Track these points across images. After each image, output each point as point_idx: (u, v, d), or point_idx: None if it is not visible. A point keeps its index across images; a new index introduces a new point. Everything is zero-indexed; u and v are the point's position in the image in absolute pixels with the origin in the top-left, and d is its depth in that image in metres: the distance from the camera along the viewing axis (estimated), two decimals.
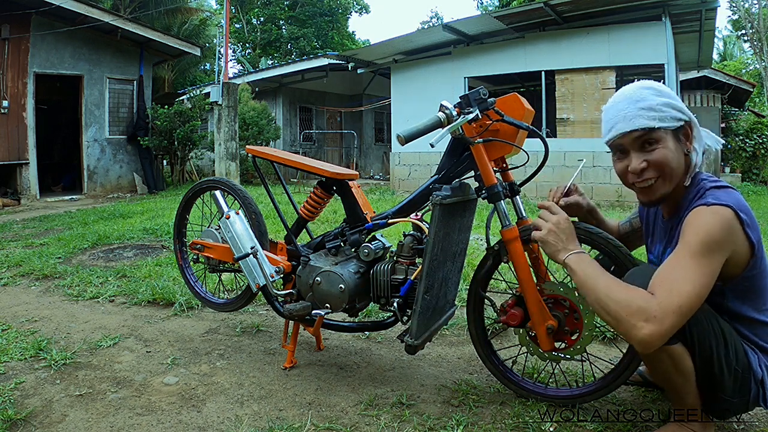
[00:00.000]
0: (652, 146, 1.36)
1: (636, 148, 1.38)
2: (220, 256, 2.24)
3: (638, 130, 1.35)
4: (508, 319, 1.66)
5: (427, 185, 1.82)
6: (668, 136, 1.35)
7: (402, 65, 11.09)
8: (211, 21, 19.39)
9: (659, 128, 1.34)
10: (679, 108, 1.36)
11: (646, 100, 1.35)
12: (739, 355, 1.31)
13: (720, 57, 24.12)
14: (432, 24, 30.67)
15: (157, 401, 1.77)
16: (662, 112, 1.34)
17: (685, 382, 1.35)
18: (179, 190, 10.14)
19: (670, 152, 1.35)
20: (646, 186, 1.39)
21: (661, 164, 1.35)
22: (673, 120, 1.35)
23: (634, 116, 1.35)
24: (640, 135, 1.36)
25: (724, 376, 1.31)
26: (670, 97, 1.36)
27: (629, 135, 1.37)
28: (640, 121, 1.35)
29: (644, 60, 8.31)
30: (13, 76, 9.12)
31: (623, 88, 1.43)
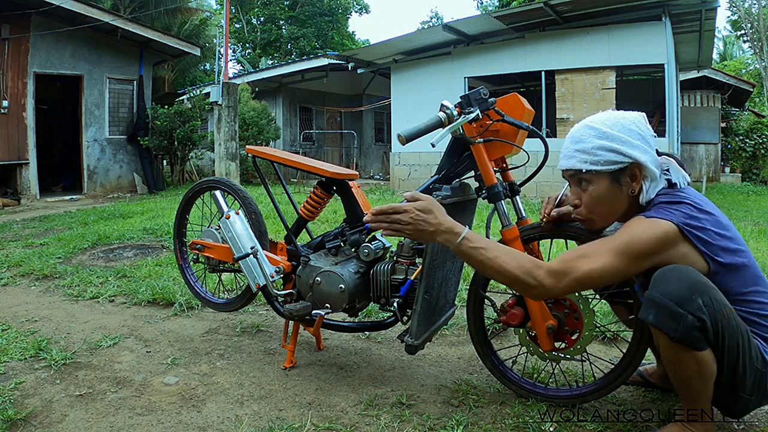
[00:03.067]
0: (585, 186, 1.45)
1: (574, 184, 1.49)
2: (220, 256, 2.24)
3: (569, 170, 1.46)
4: (508, 319, 1.67)
5: (427, 185, 1.82)
6: (601, 179, 1.41)
7: (402, 65, 11.09)
8: (211, 21, 19.39)
9: (589, 171, 1.41)
10: (620, 151, 1.38)
11: (583, 141, 1.42)
12: (757, 353, 1.30)
13: (720, 57, 24.13)
14: (432, 24, 30.68)
15: (157, 401, 1.77)
16: (595, 156, 1.39)
17: (705, 387, 1.32)
18: (179, 190, 10.14)
19: (601, 194, 1.42)
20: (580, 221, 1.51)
21: (590, 205, 1.45)
22: (609, 163, 1.39)
23: (570, 156, 1.45)
24: (573, 174, 1.47)
25: (747, 376, 1.30)
26: (612, 140, 1.38)
27: (565, 172, 1.49)
28: (571, 162, 1.45)
29: (644, 60, 8.31)
30: (13, 76, 9.12)
31: (578, 124, 1.49)
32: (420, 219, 1.39)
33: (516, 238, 1.63)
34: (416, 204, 1.40)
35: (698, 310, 1.21)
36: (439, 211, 1.40)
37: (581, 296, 1.59)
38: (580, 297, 1.59)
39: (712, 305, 1.22)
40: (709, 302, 1.22)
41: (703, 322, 1.21)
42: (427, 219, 1.38)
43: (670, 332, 1.22)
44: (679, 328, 1.21)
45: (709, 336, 1.23)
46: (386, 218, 1.41)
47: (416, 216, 1.39)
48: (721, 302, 1.25)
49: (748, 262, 1.35)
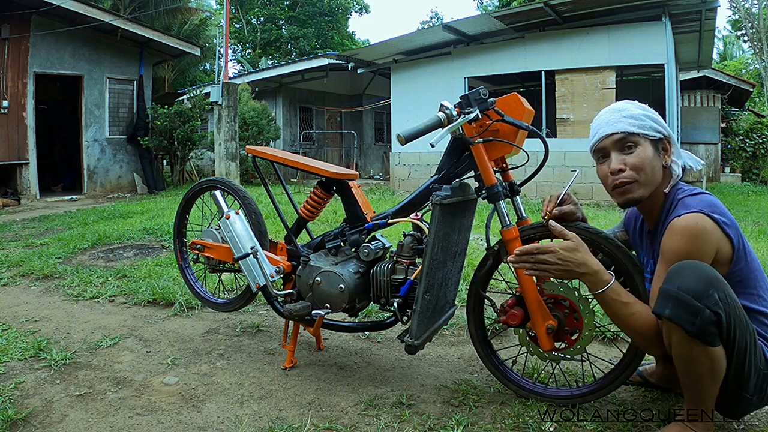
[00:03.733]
0: (631, 149, 1.47)
1: (616, 150, 1.48)
2: (220, 256, 2.24)
3: (618, 133, 1.47)
4: (508, 319, 1.67)
5: (427, 185, 1.82)
6: (646, 143, 1.46)
7: (402, 65, 11.09)
8: (211, 21, 19.38)
9: (638, 133, 1.46)
10: (659, 122, 1.48)
11: (628, 110, 1.49)
12: (759, 353, 1.31)
13: (720, 57, 24.13)
14: (432, 24, 30.68)
15: (157, 401, 1.77)
16: (642, 121, 1.46)
17: (713, 384, 1.32)
18: (179, 190, 10.14)
19: (647, 158, 1.45)
20: (622, 187, 1.48)
21: (637, 166, 1.45)
22: (652, 130, 1.46)
23: (616, 121, 1.48)
24: (620, 138, 1.47)
25: (751, 376, 1.31)
26: (651, 113, 1.49)
27: (610, 138, 1.48)
28: (621, 126, 1.47)
29: (644, 60, 8.31)
30: (13, 76, 9.12)
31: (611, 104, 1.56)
32: (568, 260, 1.41)
33: (516, 238, 1.63)
34: (563, 245, 1.42)
35: (715, 304, 1.21)
36: (585, 249, 1.43)
37: (581, 296, 1.59)
38: (579, 297, 1.59)
39: (726, 301, 1.23)
40: (725, 297, 1.23)
41: (719, 317, 1.22)
42: (575, 260, 1.41)
43: (687, 326, 1.22)
44: (696, 322, 1.21)
45: (722, 332, 1.24)
46: (530, 258, 1.46)
47: (563, 256, 1.42)
48: (734, 299, 1.27)
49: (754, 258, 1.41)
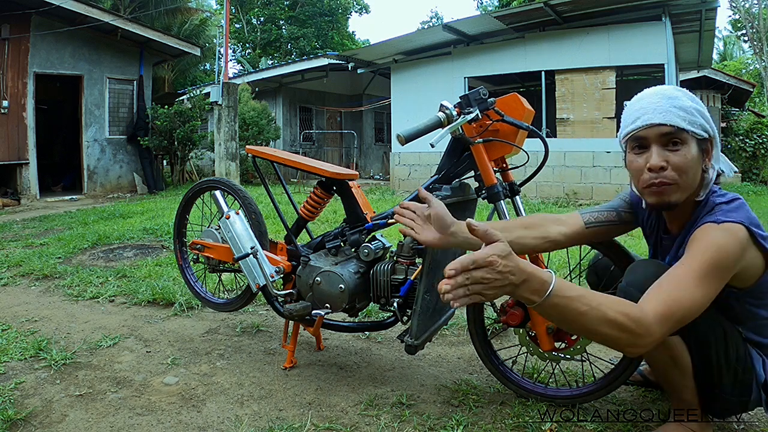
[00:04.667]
0: (677, 147, 1.27)
1: (659, 144, 1.28)
2: (220, 256, 2.24)
3: (668, 125, 1.26)
4: (508, 319, 1.67)
5: (427, 185, 1.82)
6: (693, 143, 1.27)
7: (402, 65, 11.09)
8: (211, 21, 19.37)
9: (687, 130, 1.26)
10: (708, 120, 1.30)
11: (680, 100, 1.29)
12: (739, 353, 1.31)
13: (720, 57, 24.12)
14: (432, 24, 30.67)
15: (157, 401, 1.77)
16: (693, 116, 1.27)
17: (683, 376, 1.35)
18: (179, 190, 10.14)
19: (692, 159, 1.27)
20: (660, 187, 1.28)
21: (681, 168, 1.26)
22: (701, 128, 1.28)
23: (667, 111, 1.27)
24: (669, 132, 1.26)
25: (722, 373, 1.31)
26: (701, 106, 1.30)
27: (657, 128, 1.27)
28: (672, 118, 1.26)
29: (644, 60, 8.32)
30: (13, 76, 9.12)
31: (655, 87, 1.36)
32: (507, 270, 0.98)
33: None
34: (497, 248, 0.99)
35: None
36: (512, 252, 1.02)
37: None
38: None
39: None
40: None
41: None
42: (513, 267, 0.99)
43: None
44: None
45: None
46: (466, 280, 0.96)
47: (502, 267, 0.98)
48: None
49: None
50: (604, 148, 8.52)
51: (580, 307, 1.05)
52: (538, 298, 1.02)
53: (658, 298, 1.13)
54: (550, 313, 1.07)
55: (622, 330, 1.06)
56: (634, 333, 1.07)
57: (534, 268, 1.03)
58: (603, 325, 1.06)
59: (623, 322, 1.06)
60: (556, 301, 1.03)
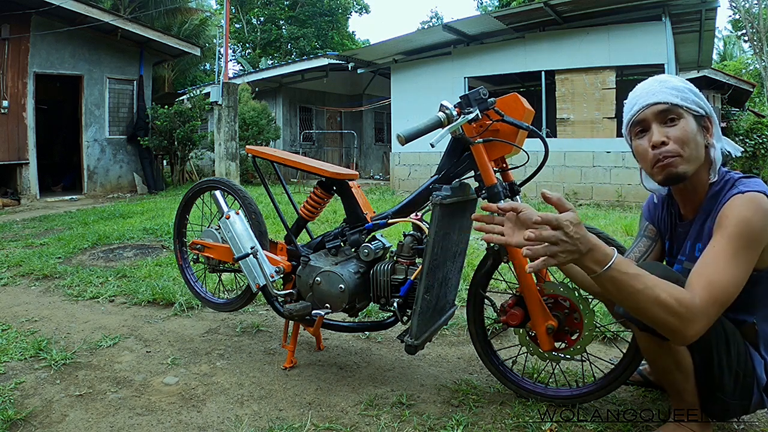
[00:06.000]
0: (674, 122, 1.33)
1: (658, 121, 1.35)
2: (220, 256, 2.24)
3: (661, 103, 1.33)
4: (508, 319, 1.66)
5: (427, 185, 1.82)
6: (689, 117, 1.33)
7: (402, 65, 11.09)
8: (211, 21, 19.38)
9: (681, 105, 1.33)
10: (702, 98, 1.35)
11: (671, 81, 1.36)
12: (740, 357, 1.32)
13: (720, 57, 24.11)
14: (432, 24, 30.68)
15: (157, 401, 1.77)
16: (685, 94, 1.34)
17: (685, 379, 1.36)
18: (179, 190, 10.13)
19: (691, 131, 1.32)
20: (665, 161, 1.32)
21: (682, 139, 1.31)
22: (695, 104, 1.34)
23: (659, 91, 1.35)
24: (663, 109, 1.33)
25: (724, 376, 1.32)
26: (693, 87, 1.37)
27: (652, 107, 1.35)
28: (664, 96, 1.34)
29: (644, 60, 8.31)
30: (13, 76, 9.12)
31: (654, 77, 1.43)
32: (578, 237, 1.08)
33: None
34: (569, 215, 1.09)
35: None
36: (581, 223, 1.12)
37: (581, 296, 1.59)
38: (579, 297, 1.59)
39: None
40: None
41: None
42: (582, 235, 1.08)
43: (637, 322, 1.26)
44: None
45: None
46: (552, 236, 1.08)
47: (572, 232, 1.07)
48: None
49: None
50: (604, 148, 8.52)
51: (636, 284, 1.11)
52: (599, 269, 1.10)
53: (701, 284, 1.16)
54: (607, 286, 1.13)
55: (672, 314, 1.11)
56: (684, 318, 1.11)
57: (598, 241, 1.11)
58: (655, 306, 1.11)
59: (674, 307, 1.11)
60: (615, 275, 1.11)
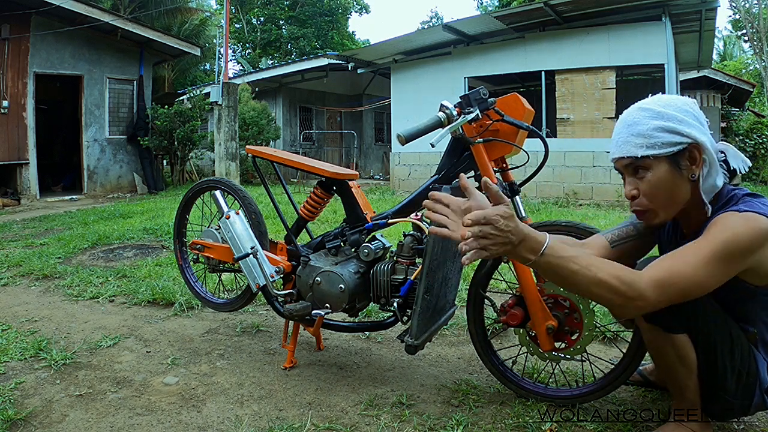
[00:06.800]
0: (642, 174, 1.30)
1: (629, 174, 1.33)
2: (220, 256, 2.24)
3: (626, 158, 1.31)
4: (508, 319, 1.67)
5: (427, 185, 1.82)
6: (661, 164, 1.27)
7: (402, 65, 11.09)
8: (211, 21, 19.37)
9: (647, 156, 1.27)
10: (679, 131, 1.25)
11: (638, 125, 1.29)
12: (744, 357, 1.31)
13: (720, 57, 24.12)
14: (432, 24, 30.67)
15: (157, 401, 1.77)
16: (652, 138, 1.26)
17: (688, 375, 1.35)
18: (179, 190, 10.14)
19: (660, 181, 1.27)
20: (641, 215, 1.34)
21: (650, 193, 1.29)
22: (668, 145, 1.25)
23: (624, 142, 1.31)
24: (629, 162, 1.31)
25: (727, 375, 1.31)
26: (669, 120, 1.26)
27: (620, 161, 1.34)
28: (627, 148, 1.30)
29: (644, 60, 8.32)
30: (13, 76, 9.12)
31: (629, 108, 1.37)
32: (509, 229, 1.06)
33: None
34: (499, 210, 1.06)
35: None
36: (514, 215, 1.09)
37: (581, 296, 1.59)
38: (579, 297, 1.59)
39: None
40: None
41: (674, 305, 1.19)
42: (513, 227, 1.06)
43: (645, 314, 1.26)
44: None
45: (682, 321, 1.28)
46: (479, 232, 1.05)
47: (503, 226, 1.05)
48: None
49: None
50: (604, 148, 8.52)
51: (572, 266, 1.12)
52: (533, 257, 1.10)
53: (659, 266, 1.17)
54: (545, 271, 1.14)
55: (613, 291, 1.12)
56: (625, 295, 1.12)
57: (530, 230, 1.10)
58: (594, 286, 1.13)
59: (614, 284, 1.12)
60: (550, 260, 1.11)
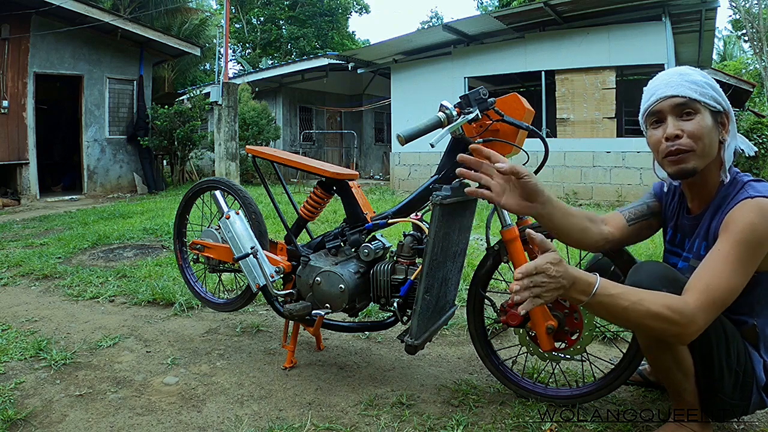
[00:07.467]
0: (690, 116, 1.33)
1: (674, 114, 1.35)
2: (220, 256, 2.24)
3: (679, 96, 1.33)
4: (508, 319, 1.66)
5: (427, 185, 1.82)
6: (706, 112, 1.33)
7: (402, 65, 11.09)
8: (211, 21, 19.37)
9: (699, 101, 1.32)
10: (721, 94, 1.35)
11: (692, 75, 1.35)
12: (740, 357, 1.32)
13: (720, 57, 24.12)
14: (432, 24, 30.68)
15: (157, 401, 1.77)
16: (704, 89, 1.33)
17: (685, 378, 1.36)
18: (179, 190, 10.14)
19: (706, 127, 1.32)
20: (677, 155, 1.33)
21: (696, 135, 1.32)
22: (713, 100, 1.33)
23: (678, 84, 1.34)
24: (680, 102, 1.33)
25: (724, 377, 1.32)
26: (713, 82, 1.36)
27: (670, 100, 1.34)
28: (683, 90, 1.33)
29: (644, 60, 8.31)
30: (13, 76, 9.12)
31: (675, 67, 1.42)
32: (559, 275, 1.11)
33: (516, 238, 1.63)
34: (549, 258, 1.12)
35: None
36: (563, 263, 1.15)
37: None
38: None
39: None
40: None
41: None
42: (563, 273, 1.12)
43: None
44: None
45: None
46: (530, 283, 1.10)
47: (554, 273, 1.11)
48: None
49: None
50: (604, 148, 8.53)
51: (623, 302, 1.16)
52: (585, 298, 1.15)
53: (698, 287, 1.20)
54: (597, 310, 1.20)
55: (665, 321, 1.16)
56: (678, 323, 1.16)
57: (580, 272, 1.16)
58: (647, 318, 1.16)
59: (665, 314, 1.15)
60: (601, 299, 1.15)
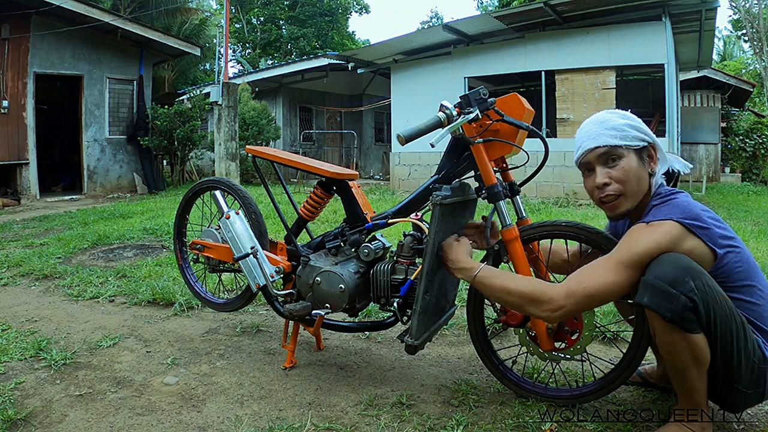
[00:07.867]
0: (615, 162, 1.46)
1: (600, 164, 1.49)
2: (220, 256, 2.24)
3: (601, 146, 1.47)
4: (508, 319, 1.67)
5: (427, 185, 1.82)
6: (630, 154, 1.46)
7: (402, 65, 11.09)
8: (211, 21, 19.37)
9: (621, 146, 1.45)
10: (642, 130, 1.48)
11: (611, 121, 1.48)
12: (755, 346, 1.32)
13: (720, 57, 24.12)
14: (432, 24, 30.69)
15: (157, 401, 1.77)
16: (624, 132, 1.46)
17: (699, 376, 1.34)
18: (179, 190, 10.14)
19: (632, 169, 1.45)
20: (610, 201, 1.49)
21: (623, 179, 1.45)
22: (636, 140, 1.46)
23: (598, 135, 1.48)
24: (603, 152, 1.47)
25: (742, 368, 1.31)
26: (633, 121, 1.49)
27: (594, 152, 1.48)
28: (603, 139, 1.47)
29: (644, 60, 8.31)
30: (13, 76, 9.12)
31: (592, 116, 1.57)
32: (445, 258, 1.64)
33: (516, 238, 1.63)
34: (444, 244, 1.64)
35: (690, 291, 1.25)
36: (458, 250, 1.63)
37: None
38: None
39: (704, 289, 1.26)
40: (701, 286, 1.26)
41: (695, 303, 1.25)
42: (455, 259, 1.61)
43: (664, 312, 1.26)
44: (672, 308, 1.25)
45: (701, 319, 1.27)
46: None
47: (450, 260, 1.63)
48: (714, 288, 1.29)
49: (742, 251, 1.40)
50: None
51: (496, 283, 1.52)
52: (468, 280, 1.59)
53: (573, 278, 1.42)
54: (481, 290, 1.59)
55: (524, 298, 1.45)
56: (537, 301, 1.42)
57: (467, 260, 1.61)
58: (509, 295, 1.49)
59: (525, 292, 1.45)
60: (480, 280, 1.55)
